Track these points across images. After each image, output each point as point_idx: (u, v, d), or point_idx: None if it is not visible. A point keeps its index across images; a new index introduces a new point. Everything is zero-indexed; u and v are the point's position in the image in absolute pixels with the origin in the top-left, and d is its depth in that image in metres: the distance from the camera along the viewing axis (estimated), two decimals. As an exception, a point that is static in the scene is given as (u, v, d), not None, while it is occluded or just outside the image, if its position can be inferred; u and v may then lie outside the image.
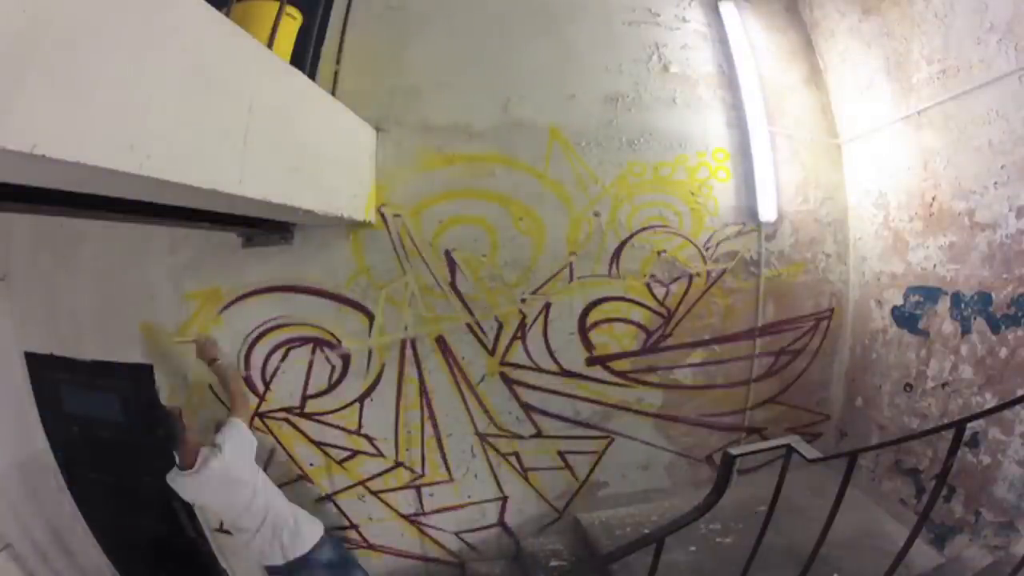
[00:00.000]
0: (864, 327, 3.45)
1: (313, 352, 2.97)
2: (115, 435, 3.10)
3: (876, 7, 3.01)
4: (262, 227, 2.64)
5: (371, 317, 2.99)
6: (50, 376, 3.05)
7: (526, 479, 3.30)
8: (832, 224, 3.50)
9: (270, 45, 1.99)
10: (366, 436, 3.09)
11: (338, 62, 2.86)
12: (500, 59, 3.07)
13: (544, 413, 3.24)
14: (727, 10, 3.30)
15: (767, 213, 3.31)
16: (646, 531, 2.89)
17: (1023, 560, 1.82)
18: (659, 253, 3.23)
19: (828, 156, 3.50)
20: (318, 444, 3.07)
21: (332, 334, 2.97)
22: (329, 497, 3.15)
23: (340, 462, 3.10)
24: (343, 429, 3.07)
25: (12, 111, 0.89)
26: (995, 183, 2.57)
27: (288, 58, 2.33)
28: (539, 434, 3.25)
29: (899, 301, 3.16)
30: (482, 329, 3.10)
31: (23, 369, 3.04)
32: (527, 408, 3.22)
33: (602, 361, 3.26)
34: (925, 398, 2.98)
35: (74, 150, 1.01)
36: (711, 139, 3.29)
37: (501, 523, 3.34)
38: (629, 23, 3.23)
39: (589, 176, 3.13)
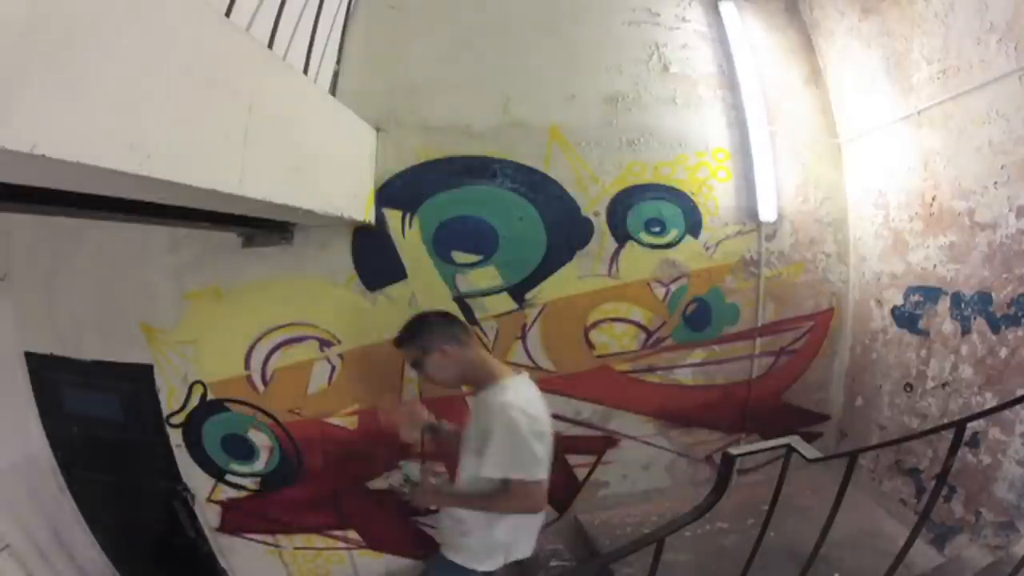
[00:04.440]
0: (864, 327, 3.45)
1: (313, 352, 2.97)
2: (115, 435, 3.10)
3: (876, 7, 3.02)
4: (262, 227, 2.64)
5: (371, 317, 2.99)
6: (50, 376, 3.05)
7: (526, 479, 3.30)
8: (832, 224, 3.50)
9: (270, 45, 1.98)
10: (366, 435, 3.09)
11: (338, 62, 2.85)
12: (500, 59, 3.07)
13: (544, 413, 3.24)
14: (727, 10, 3.30)
15: (767, 213, 3.31)
16: (646, 531, 2.89)
17: (1023, 560, 1.82)
18: (659, 253, 3.23)
19: (828, 156, 3.50)
20: (318, 444, 3.07)
21: (332, 334, 2.97)
22: (329, 497, 3.15)
23: (340, 462, 3.10)
24: (343, 429, 3.07)
25: (12, 111, 0.89)
26: (995, 183, 2.57)
27: (288, 58, 2.32)
28: (539, 434, 3.25)
29: (899, 301, 3.16)
30: (482, 329, 3.10)
31: (23, 369, 3.04)
32: (527, 408, 3.21)
33: (602, 361, 3.26)
34: (925, 398, 2.98)
35: (74, 150, 1.00)
36: (711, 139, 3.29)
37: (501, 523, 3.34)
38: (629, 23, 3.23)
39: (589, 176, 3.13)
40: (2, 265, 2.96)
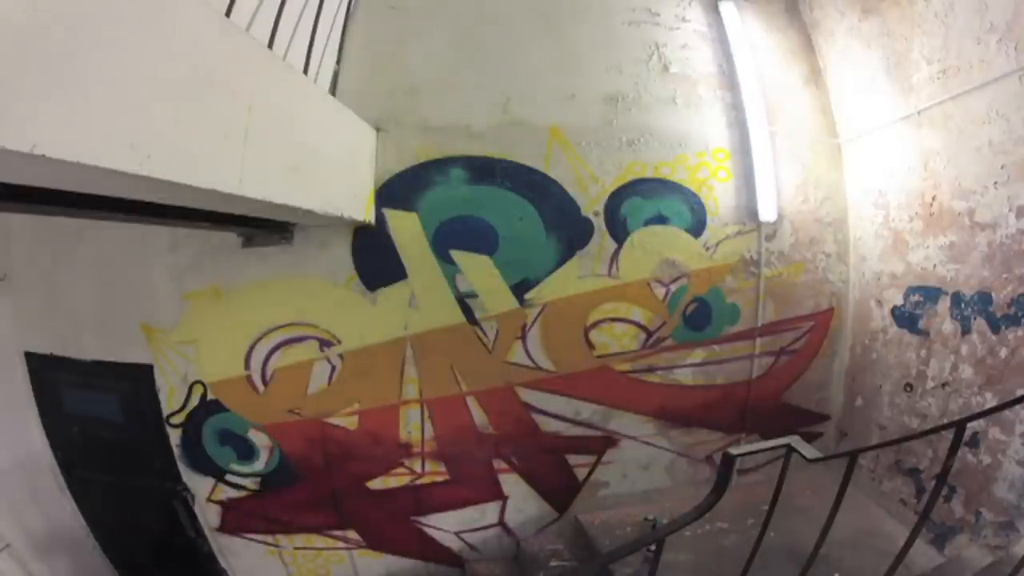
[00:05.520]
0: (864, 327, 3.45)
1: (313, 352, 2.97)
2: (115, 435, 3.10)
3: (876, 7, 3.01)
4: (262, 227, 2.64)
5: (371, 317, 2.99)
6: (50, 376, 3.05)
7: (526, 479, 3.30)
8: (832, 224, 3.50)
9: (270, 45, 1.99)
10: (366, 435, 3.09)
11: (338, 62, 2.85)
12: (500, 59, 3.07)
13: (544, 413, 3.24)
14: (727, 10, 3.30)
15: (767, 213, 3.31)
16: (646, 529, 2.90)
17: (1023, 560, 1.82)
18: (659, 253, 3.24)
19: (828, 156, 3.50)
20: (318, 444, 3.07)
21: (332, 334, 2.97)
22: (329, 497, 3.15)
23: (340, 461, 3.10)
24: (343, 429, 3.07)
25: (12, 111, 0.89)
26: (995, 183, 2.57)
27: (288, 58, 2.32)
28: (539, 434, 3.25)
29: (899, 301, 3.16)
30: (482, 329, 3.10)
31: (23, 369, 3.04)
32: (527, 408, 3.22)
33: (602, 361, 3.26)
34: (925, 398, 2.98)
35: (74, 150, 1.00)
36: (711, 139, 3.29)
37: (501, 523, 3.35)
38: (629, 23, 3.23)
39: (589, 176, 3.14)
40: (2, 265, 2.96)
